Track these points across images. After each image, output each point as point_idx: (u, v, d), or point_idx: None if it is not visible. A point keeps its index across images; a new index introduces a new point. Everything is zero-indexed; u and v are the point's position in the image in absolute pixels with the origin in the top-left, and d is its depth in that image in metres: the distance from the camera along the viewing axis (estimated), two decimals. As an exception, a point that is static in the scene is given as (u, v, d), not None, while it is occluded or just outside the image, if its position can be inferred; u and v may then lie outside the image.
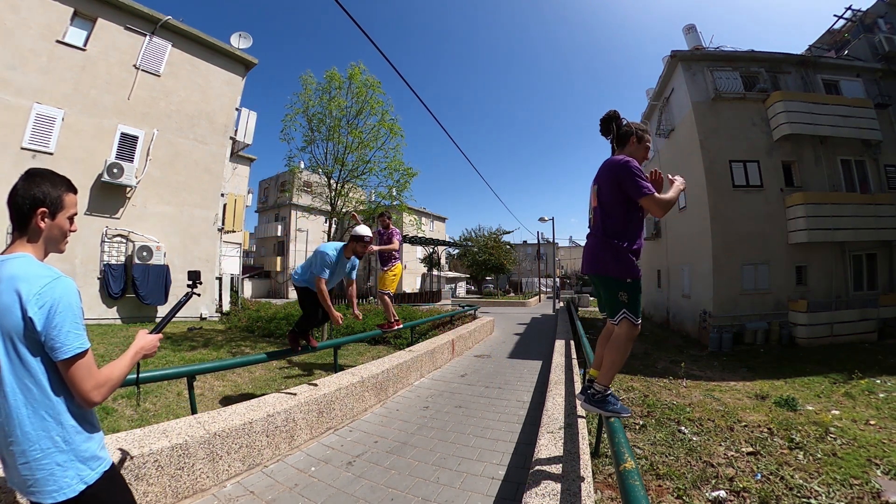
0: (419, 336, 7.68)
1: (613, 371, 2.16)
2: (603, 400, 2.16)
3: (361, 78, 7.56)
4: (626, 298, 2.09)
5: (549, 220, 24.12)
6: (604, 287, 2.21)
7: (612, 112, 2.30)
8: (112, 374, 1.18)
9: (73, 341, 1.08)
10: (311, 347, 3.91)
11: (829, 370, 8.01)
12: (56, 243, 1.30)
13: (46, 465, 1.05)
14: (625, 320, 2.10)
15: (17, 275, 1.09)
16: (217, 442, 2.53)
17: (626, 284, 2.10)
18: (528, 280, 46.45)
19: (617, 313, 2.12)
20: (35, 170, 1.25)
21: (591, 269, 2.27)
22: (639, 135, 2.25)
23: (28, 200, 1.18)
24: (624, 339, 2.11)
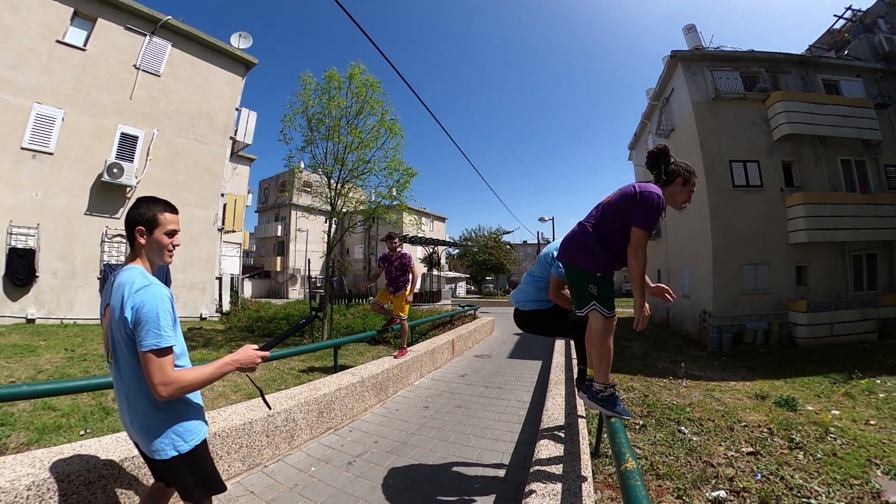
0: (419, 336, 7.68)
1: (604, 366, 2.10)
2: (606, 399, 2.12)
3: (361, 78, 7.56)
4: (595, 290, 2.03)
5: (549, 220, 24.12)
6: (572, 277, 2.16)
7: (661, 147, 2.18)
8: (184, 377, 1.32)
9: (149, 339, 1.26)
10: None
11: (829, 370, 8.01)
12: (158, 255, 1.50)
13: (150, 431, 1.35)
14: (594, 312, 2.04)
15: (122, 282, 1.35)
16: (217, 442, 2.53)
17: (595, 277, 2.04)
18: (528, 280, 46.34)
19: (586, 305, 2.06)
20: (141, 197, 1.49)
21: (564, 255, 2.20)
22: (685, 177, 2.13)
23: (129, 221, 1.43)
24: (600, 333, 2.04)
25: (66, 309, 9.25)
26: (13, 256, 8.54)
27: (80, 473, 1.88)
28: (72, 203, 9.51)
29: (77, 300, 9.43)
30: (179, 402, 1.41)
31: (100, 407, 3.47)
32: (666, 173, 2.13)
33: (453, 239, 38.75)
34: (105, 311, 1.41)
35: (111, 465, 2.00)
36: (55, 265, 9.19)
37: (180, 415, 1.41)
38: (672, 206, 2.16)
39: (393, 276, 5.03)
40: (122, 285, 1.34)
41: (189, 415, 1.45)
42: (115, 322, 1.32)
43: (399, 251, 5.05)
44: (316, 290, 23.08)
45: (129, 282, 1.34)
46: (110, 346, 1.39)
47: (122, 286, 1.34)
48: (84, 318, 9.37)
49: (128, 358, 1.33)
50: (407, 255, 5.06)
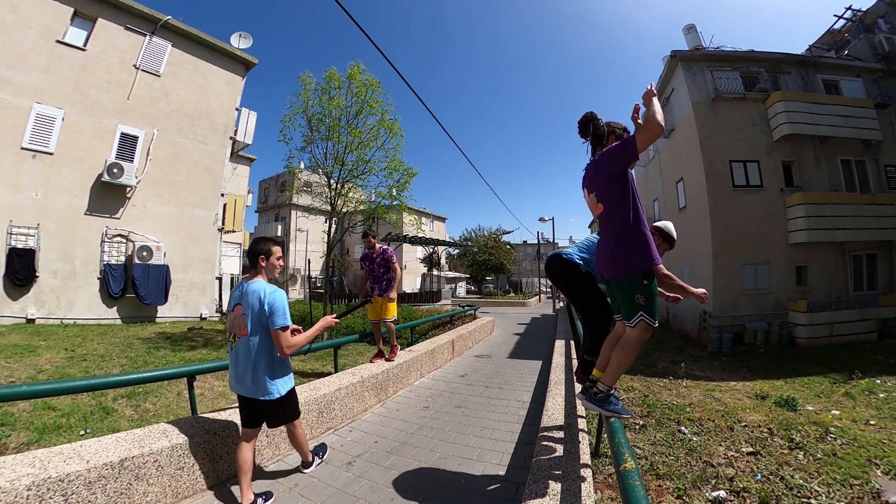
0: (419, 336, 7.68)
1: (620, 372, 2.10)
2: (605, 399, 2.12)
3: (361, 77, 7.55)
4: (642, 301, 2.01)
5: (549, 220, 24.14)
6: (619, 289, 2.12)
7: (589, 113, 2.25)
8: (297, 341, 2.37)
9: (279, 322, 2.25)
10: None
11: (829, 370, 8.01)
12: (271, 272, 2.42)
13: (268, 382, 2.27)
14: (642, 322, 2.02)
15: (256, 289, 2.28)
16: (217, 442, 2.53)
17: (642, 286, 2.02)
18: (528, 280, 46.45)
19: (634, 316, 2.03)
20: (258, 237, 2.46)
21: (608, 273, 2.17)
22: (617, 133, 2.19)
23: (254, 253, 2.37)
24: (635, 342, 2.04)
25: (66, 309, 9.25)
26: (13, 256, 8.54)
27: (80, 473, 1.88)
28: (72, 203, 9.50)
29: (77, 300, 9.43)
30: (283, 363, 2.38)
31: (100, 407, 3.47)
32: (594, 136, 2.20)
33: (453, 239, 38.74)
34: (234, 308, 2.34)
35: (111, 466, 2.00)
36: (55, 265, 9.19)
37: (283, 371, 2.38)
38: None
39: (377, 274, 4.76)
40: (256, 291, 2.27)
41: (287, 371, 2.42)
42: (255, 313, 2.24)
43: (379, 247, 4.83)
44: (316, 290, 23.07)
45: (262, 289, 2.27)
46: (239, 331, 2.29)
47: (257, 291, 2.26)
48: (84, 318, 9.37)
49: (262, 335, 2.27)
50: (388, 249, 4.83)
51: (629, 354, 2.05)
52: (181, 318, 10.96)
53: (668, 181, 15.25)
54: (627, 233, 2.04)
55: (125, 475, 2.04)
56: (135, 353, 5.95)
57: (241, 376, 2.29)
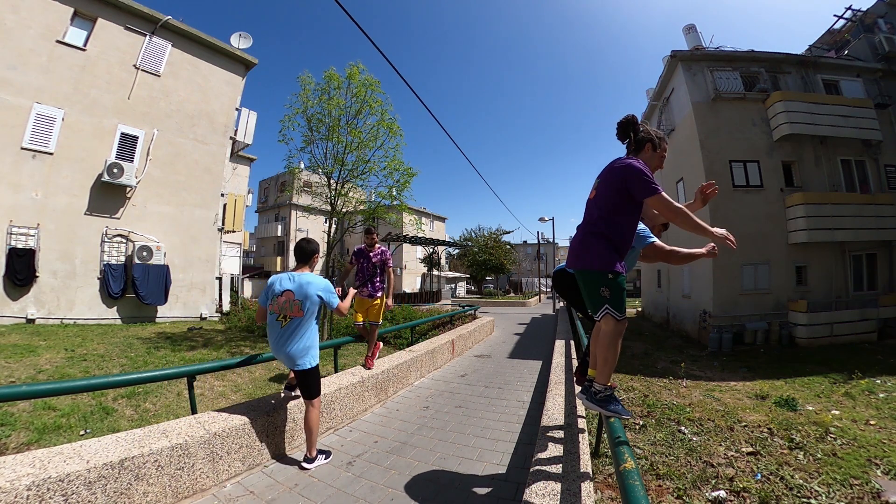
0: (419, 336, 7.68)
1: (608, 368, 2.10)
2: (605, 399, 2.12)
3: (360, 77, 7.55)
4: (608, 294, 2.01)
5: (549, 220, 24.14)
6: (584, 282, 2.13)
7: (630, 116, 2.21)
8: (346, 304, 3.21)
9: (334, 302, 2.97)
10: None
11: (829, 370, 8.01)
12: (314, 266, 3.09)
13: (305, 354, 2.84)
14: (607, 316, 2.02)
15: (313, 281, 2.90)
16: (217, 442, 2.53)
17: (607, 279, 2.01)
18: (528, 280, 46.44)
19: (599, 309, 2.04)
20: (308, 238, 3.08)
21: (572, 263, 2.19)
22: (655, 142, 2.18)
23: (311, 252, 3.03)
24: (611, 336, 2.03)
25: (66, 309, 9.25)
26: (13, 256, 8.54)
27: (80, 473, 1.88)
28: (72, 203, 9.50)
29: (77, 300, 9.43)
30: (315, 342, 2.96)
31: (100, 407, 3.47)
32: (636, 140, 2.17)
33: (453, 239, 38.74)
34: (284, 293, 2.84)
35: (111, 466, 2.00)
36: (55, 265, 9.19)
37: (315, 347, 2.94)
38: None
39: (368, 273, 4.53)
40: (313, 283, 2.89)
41: (317, 347, 2.99)
42: (313, 301, 2.86)
43: (378, 247, 4.69)
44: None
45: (315, 278, 2.93)
46: (292, 313, 2.81)
47: (314, 283, 2.88)
48: (84, 318, 9.37)
49: (313, 312, 2.90)
50: (386, 251, 4.69)
51: (608, 349, 2.05)
52: (181, 318, 10.96)
53: (668, 181, 15.25)
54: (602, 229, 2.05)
55: (125, 475, 2.04)
56: (135, 353, 5.95)
57: (281, 348, 2.82)
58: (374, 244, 4.68)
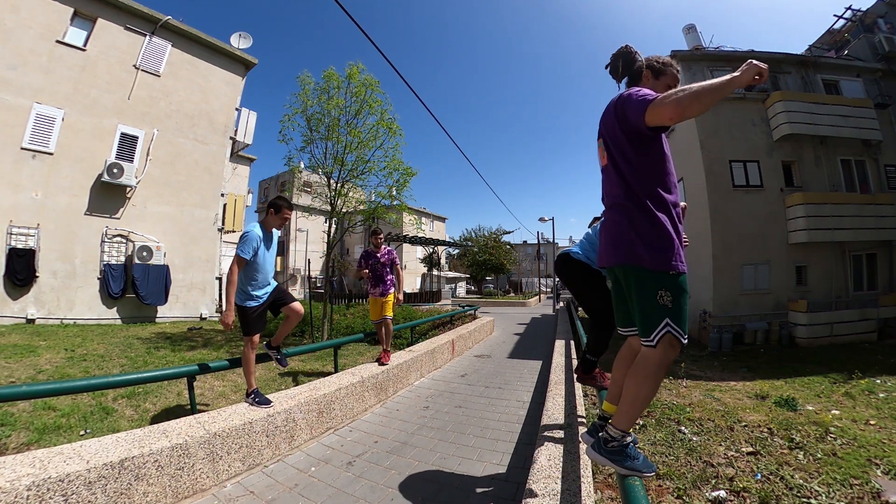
0: (419, 336, 7.68)
1: (636, 410, 1.51)
2: (619, 451, 1.53)
3: (360, 77, 7.55)
4: (668, 300, 1.39)
5: (549, 220, 24.14)
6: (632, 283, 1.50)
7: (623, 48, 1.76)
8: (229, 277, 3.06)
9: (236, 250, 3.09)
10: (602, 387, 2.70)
11: (829, 370, 8.01)
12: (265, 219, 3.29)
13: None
14: (668, 336, 1.39)
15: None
16: (217, 442, 2.53)
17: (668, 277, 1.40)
18: (528, 280, 46.45)
19: (655, 327, 1.40)
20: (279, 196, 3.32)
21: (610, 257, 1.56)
22: (655, 67, 1.67)
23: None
24: (656, 365, 1.42)
25: (66, 309, 9.25)
26: (13, 256, 8.54)
27: (80, 473, 1.88)
28: (72, 203, 9.50)
29: (77, 300, 9.43)
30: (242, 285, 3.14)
31: (100, 407, 3.47)
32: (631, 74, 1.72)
33: (453, 239, 38.75)
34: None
35: (111, 466, 2.00)
36: (55, 265, 9.18)
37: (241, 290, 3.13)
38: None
39: (378, 273, 4.70)
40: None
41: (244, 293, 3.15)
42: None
43: (385, 248, 4.82)
44: (316, 290, 23.07)
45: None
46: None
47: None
48: (84, 319, 9.37)
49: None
50: (394, 251, 4.86)
51: (648, 383, 1.44)
52: (181, 318, 10.95)
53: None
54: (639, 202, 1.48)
55: (125, 475, 2.04)
56: (135, 353, 5.95)
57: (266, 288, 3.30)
58: (380, 245, 4.80)
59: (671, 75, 1.67)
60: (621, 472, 1.53)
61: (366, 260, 4.77)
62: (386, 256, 4.76)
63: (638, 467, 1.51)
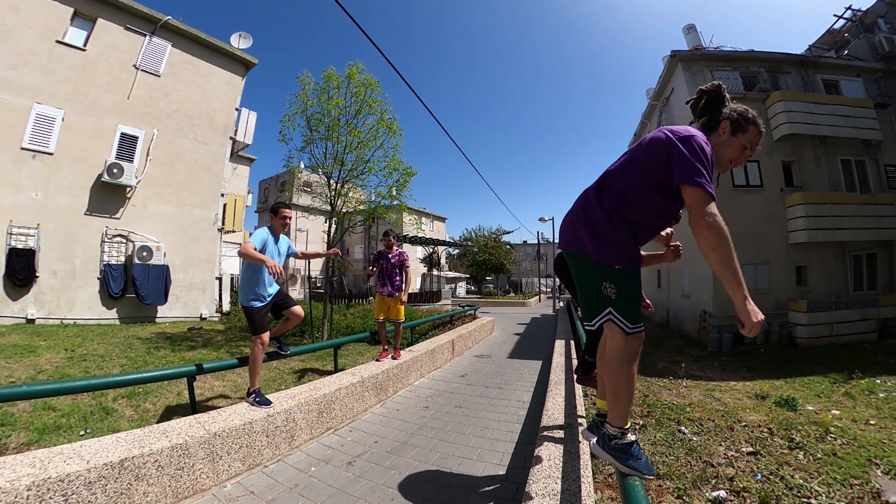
0: (419, 336, 7.68)
1: (621, 404, 1.52)
2: (623, 449, 1.55)
3: (360, 77, 7.55)
4: (612, 291, 1.42)
5: (549, 220, 24.12)
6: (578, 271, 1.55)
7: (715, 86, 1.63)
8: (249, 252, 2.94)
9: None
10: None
11: (829, 370, 8.01)
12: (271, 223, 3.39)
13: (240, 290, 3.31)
14: (610, 324, 1.43)
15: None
16: (217, 442, 2.53)
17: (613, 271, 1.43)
18: (528, 280, 46.45)
19: (597, 314, 1.46)
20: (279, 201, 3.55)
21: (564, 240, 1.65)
22: (738, 123, 1.54)
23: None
24: (619, 356, 1.43)
25: (66, 309, 9.25)
26: (13, 256, 8.54)
27: (80, 473, 1.88)
28: (72, 203, 9.50)
29: (77, 300, 9.43)
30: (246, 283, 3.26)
31: (100, 407, 3.47)
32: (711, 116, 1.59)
33: (453, 239, 38.75)
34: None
35: (111, 466, 2.00)
36: (55, 265, 9.18)
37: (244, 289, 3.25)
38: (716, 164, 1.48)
39: (388, 273, 4.84)
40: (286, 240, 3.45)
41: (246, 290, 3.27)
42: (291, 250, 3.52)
43: (396, 249, 4.96)
44: (316, 290, 23.09)
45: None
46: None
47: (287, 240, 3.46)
48: (84, 319, 9.37)
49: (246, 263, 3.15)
50: (405, 253, 4.97)
51: (617, 376, 1.46)
52: (181, 318, 10.95)
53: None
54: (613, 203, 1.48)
55: (125, 475, 2.04)
56: (135, 354, 5.95)
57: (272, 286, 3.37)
58: (392, 246, 4.93)
59: (752, 135, 1.55)
60: (622, 470, 1.53)
61: (376, 259, 4.94)
62: (396, 258, 4.89)
63: (639, 468, 1.52)
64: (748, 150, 1.56)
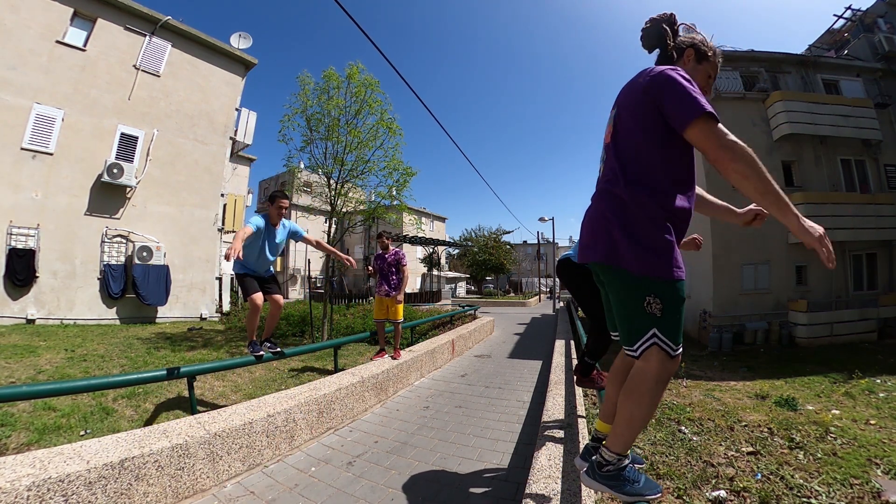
0: (419, 336, 7.68)
1: (630, 430, 1.32)
2: (615, 476, 1.35)
3: (360, 77, 7.55)
4: (657, 308, 1.21)
5: (549, 220, 24.13)
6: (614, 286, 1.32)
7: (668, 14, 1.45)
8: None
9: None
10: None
11: (829, 370, 8.01)
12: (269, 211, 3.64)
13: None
14: (655, 349, 1.21)
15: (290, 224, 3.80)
16: (217, 442, 2.53)
17: (655, 284, 1.21)
18: (528, 280, 46.46)
19: (639, 337, 1.23)
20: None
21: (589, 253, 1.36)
22: (700, 50, 1.42)
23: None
24: (654, 380, 1.23)
25: (66, 309, 9.25)
26: (13, 256, 8.54)
27: (80, 473, 1.88)
28: (72, 203, 9.50)
29: (77, 300, 9.43)
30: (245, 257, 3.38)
31: (100, 407, 3.47)
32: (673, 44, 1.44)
33: (453, 239, 38.75)
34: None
35: (111, 466, 2.00)
36: (55, 265, 9.18)
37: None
38: None
39: (385, 272, 4.96)
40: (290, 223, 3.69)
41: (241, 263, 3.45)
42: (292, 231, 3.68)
43: (392, 249, 5.06)
44: (316, 290, 23.09)
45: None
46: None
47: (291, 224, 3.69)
48: (84, 319, 9.37)
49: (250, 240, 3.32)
50: (400, 252, 5.06)
51: (644, 401, 1.26)
52: (181, 318, 10.95)
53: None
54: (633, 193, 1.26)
55: (125, 475, 2.04)
56: (135, 354, 5.95)
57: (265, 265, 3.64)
58: (388, 247, 5.05)
59: (714, 65, 1.46)
60: (624, 499, 1.37)
61: (376, 261, 5.06)
62: (392, 257, 4.98)
63: (640, 491, 1.35)
64: (712, 78, 1.48)
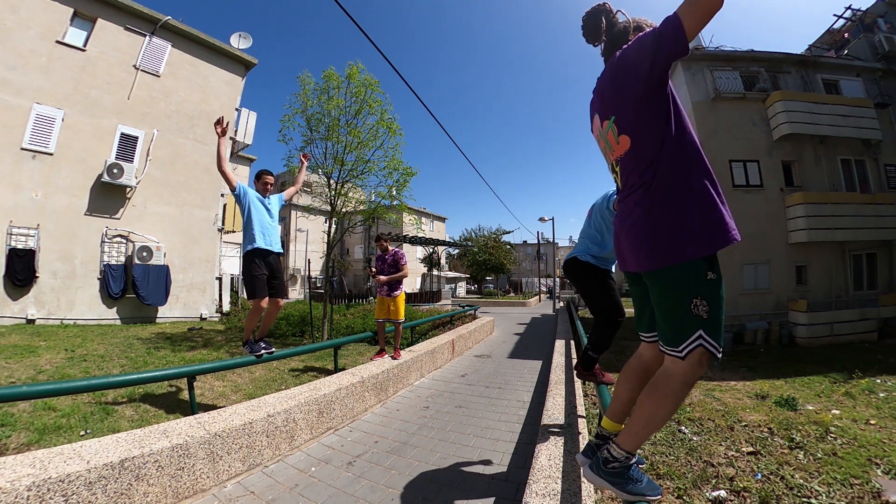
0: (419, 336, 7.68)
1: (647, 430, 1.32)
2: (620, 473, 1.36)
3: (360, 77, 7.55)
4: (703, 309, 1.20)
5: (549, 220, 24.12)
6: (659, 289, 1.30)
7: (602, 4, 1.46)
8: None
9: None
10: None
11: (829, 370, 8.00)
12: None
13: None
14: (700, 349, 1.20)
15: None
16: (217, 442, 2.53)
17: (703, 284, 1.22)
18: (528, 280, 46.46)
19: (686, 338, 1.21)
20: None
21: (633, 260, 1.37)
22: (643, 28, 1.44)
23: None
24: (681, 382, 1.23)
25: (66, 309, 9.25)
26: (13, 257, 8.54)
27: (80, 473, 1.88)
28: (72, 203, 9.50)
29: (77, 300, 9.43)
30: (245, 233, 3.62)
31: (100, 407, 3.47)
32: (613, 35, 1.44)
33: (453, 239, 38.76)
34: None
35: (111, 466, 2.00)
36: (55, 265, 9.18)
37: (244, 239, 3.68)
38: None
39: (385, 273, 5.02)
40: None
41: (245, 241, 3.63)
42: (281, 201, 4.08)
43: (391, 249, 5.12)
44: (316, 290, 23.09)
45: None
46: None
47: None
48: (84, 319, 9.37)
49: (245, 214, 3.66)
50: (399, 252, 5.10)
51: (668, 402, 1.24)
52: (181, 318, 10.95)
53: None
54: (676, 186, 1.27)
55: (125, 475, 2.04)
56: (135, 354, 5.95)
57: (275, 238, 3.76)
58: (387, 248, 5.12)
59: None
60: (624, 497, 1.38)
61: (375, 261, 5.16)
62: (391, 257, 5.04)
63: (642, 490, 1.35)
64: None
